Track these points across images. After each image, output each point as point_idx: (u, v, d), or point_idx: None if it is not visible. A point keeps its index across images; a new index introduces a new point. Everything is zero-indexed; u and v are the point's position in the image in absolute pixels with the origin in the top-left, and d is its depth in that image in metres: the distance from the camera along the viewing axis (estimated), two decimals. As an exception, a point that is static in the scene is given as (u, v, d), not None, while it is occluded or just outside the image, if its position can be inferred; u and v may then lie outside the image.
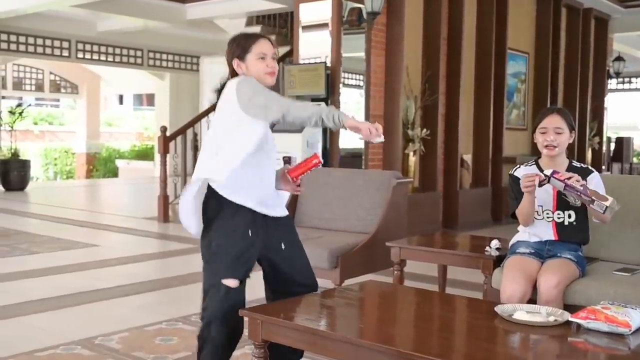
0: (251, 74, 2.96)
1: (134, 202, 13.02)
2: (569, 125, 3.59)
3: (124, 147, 23.64)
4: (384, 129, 8.80)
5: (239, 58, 2.97)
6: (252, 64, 2.96)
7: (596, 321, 2.45)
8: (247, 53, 2.96)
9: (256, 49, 2.96)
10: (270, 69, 2.97)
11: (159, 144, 9.30)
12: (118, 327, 4.42)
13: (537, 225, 3.64)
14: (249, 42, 2.97)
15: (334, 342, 2.48)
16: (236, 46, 2.98)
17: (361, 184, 5.16)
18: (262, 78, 2.96)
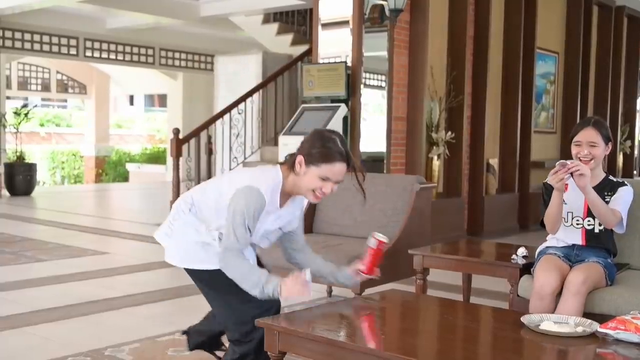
0: (301, 182, 2.94)
1: (145, 208, 13.09)
2: (605, 137, 3.70)
3: (135, 150, 23.74)
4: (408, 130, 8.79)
5: (307, 160, 2.91)
6: (311, 177, 2.92)
7: (626, 332, 2.47)
8: (314, 165, 2.90)
9: (325, 169, 2.90)
10: (321, 194, 2.95)
11: (172, 147, 9.35)
12: (129, 338, 4.45)
13: (565, 232, 3.71)
14: (327, 158, 2.89)
15: (354, 353, 2.51)
16: (314, 148, 2.91)
17: (383, 189, 5.19)
18: (306, 194, 2.97)
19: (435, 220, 5.85)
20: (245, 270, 2.86)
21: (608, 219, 3.59)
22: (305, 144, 2.94)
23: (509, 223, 9.77)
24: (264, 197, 2.90)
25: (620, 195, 3.68)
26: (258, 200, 2.89)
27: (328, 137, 2.93)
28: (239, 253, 2.89)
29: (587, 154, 3.65)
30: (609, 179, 3.76)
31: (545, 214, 3.71)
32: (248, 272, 2.85)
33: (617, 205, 3.63)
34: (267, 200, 2.91)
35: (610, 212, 3.58)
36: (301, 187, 2.94)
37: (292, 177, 2.96)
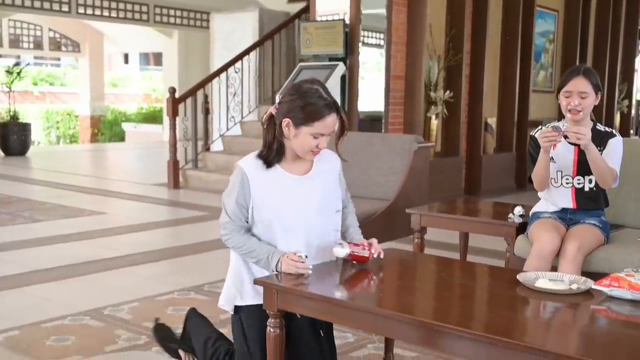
0: (295, 145, 2.79)
1: (142, 168, 13.11)
2: (595, 87, 3.61)
3: (131, 110, 23.67)
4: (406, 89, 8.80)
5: (294, 122, 2.75)
6: (303, 138, 2.76)
7: (619, 289, 2.51)
8: (305, 125, 2.74)
9: (318, 126, 2.74)
10: (317, 150, 2.80)
11: (168, 106, 9.35)
12: (128, 297, 4.51)
13: (554, 193, 3.72)
14: (315, 116, 2.72)
15: (352, 311, 2.55)
16: (298, 108, 2.73)
17: (381, 148, 5.21)
18: (304, 154, 2.81)
19: (433, 180, 5.88)
20: (245, 249, 2.82)
21: (606, 178, 3.56)
22: (287, 103, 2.76)
23: (506, 182, 9.82)
24: (243, 170, 2.81)
25: (612, 149, 3.62)
26: (238, 173, 2.82)
27: (311, 91, 2.75)
28: (236, 229, 2.83)
29: (578, 105, 3.57)
30: (597, 129, 3.68)
31: (533, 173, 3.70)
32: (248, 249, 2.82)
33: (610, 162, 3.57)
34: (249, 172, 2.80)
35: (609, 171, 3.56)
36: (296, 149, 2.81)
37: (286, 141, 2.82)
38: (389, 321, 2.45)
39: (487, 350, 2.21)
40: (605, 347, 2.15)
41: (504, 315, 2.46)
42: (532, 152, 3.75)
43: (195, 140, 9.67)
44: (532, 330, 2.36)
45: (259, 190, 2.81)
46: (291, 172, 2.86)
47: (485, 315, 2.56)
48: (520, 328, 2.38)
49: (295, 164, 2.88)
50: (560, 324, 2.49)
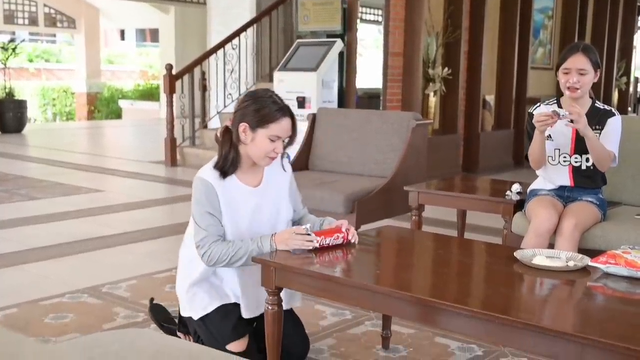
0: (251, 150, 2.86)
1: (139, 145, 13.08)
2: (594, 64, 3.61)
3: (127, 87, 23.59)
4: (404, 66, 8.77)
5: (250, 126, 2.84)
6: (260, 141, 2.84)
7: (616, 265, 2.53)
8: (261, 127, 2.83)
9: (274, 128, 2.83)
10: (274, 154, 2.87)
11: (165, 83, 9.33)
12: (126, 275, 4.52)
13: (551, 171, 3.74)
14: (270, 118, 2.82)
15: (350, 288, 2.57)
16: (253, 111, 2.83)
17: (379, 125, 5.21)
18: (260, 159, 2.88)
19: (431, 157, 5.89)
20: (232, 251, 2.83)
21: (604, 162, 3.57)
22: (243, 110, 2.86)
23: (504, 159, 9.83)
24: (206, 180, 2.88)
25: (611, 129, 3.63)
26: (202, 184, 2.88)
27: (265, 95, 2.88)
28: (215, 241, 2.85)
29: (576, 82, 3.57)
30: (595, 106, 3.69)
31: (529, 152, 3.71)
32: (235, 249, 2.83)
33: (608, 144, 3.58)
34: (213, 182, 2.87)
35: (607, 155, 3.57)
36: (252, 155, 2.87)
37: (242, 147, 2.89)
38: (387, 298, 2.46)
39: (484, 327, 2.24)
40: (602, 324, 2.17)
41: (501, 292, 2.48)
42: (530, 130, 3.75)
43: (192, 118, 9.65)
44: (529, 307, 2.38)
45: (222, 200, 2.89)
46: (245, 183, 2.95)
47: (482, 292, 2.58)
48: (517, 305, 2.41)
49: (248, 175, 2.96)
50: (557, 301, 2.51)
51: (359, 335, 3.55)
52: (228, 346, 2.92)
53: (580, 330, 2.08)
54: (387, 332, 3.34)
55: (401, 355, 3.31)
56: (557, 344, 2.07)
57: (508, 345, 3.15)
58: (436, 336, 3.51)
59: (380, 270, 2.84)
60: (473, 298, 2.49)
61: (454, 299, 2.39)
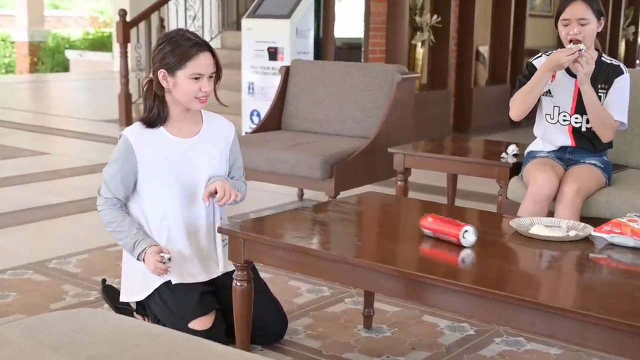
0: (178, 95, 2.95)
1: (89, 102, 12.96)
2: (597, 12, 3.62)
3: (75, 35, 23.31)
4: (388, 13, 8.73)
5: (168, 70, 2.91)
6: (182, 83, 2.92)
7: (621, 235, 2.56)
8: (179, 69, 2.90)
9: (192, 66, 2.90)
10: (202, 93, 2.93)
11: (118, 31, 9.22)
12: (76, 249, 4.49)
13: (550, 131, 3.76)
14: (186, 56, 2.90)
15: (328, 262, 2.58)
16: (168, 53, 2.91)
17: (360, 80, 5.20)
18: (190, 102, 2.95)
19: (418, 115, 5.90)
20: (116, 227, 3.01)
21: (604, 129, 3.59)
22: (158, 55, 2.94)
23: (499, 118, 9.84)
24: (126, 137, 2.99)
25: (619, 93, 3.63)
26: (123, 143, 3.00)
27: (177, 36, 2.95)
28: (113, 205, 3.01)
29: (578, 33, 3.57)
30: (602, 60, 3.69)
31: (519, 92, 3.72)
32: (118, 229, 3.01)
33: (615, 111, 3.59)
34: (134, 140, 2.98)
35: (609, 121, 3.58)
36: (181, 100, 2.96)
37: (167, 95, 2.99)
38: (369, 273, 2.48)
39: (476, 304, 2.26)
40: (605, 299, 2.20)
41: (494, 265, 2.50)
42: (523, 80, 3.77)
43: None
44: (526, 282, 2.40)
45: (145, 158, 2.98)
46: (177, 135, 3.03)
47: (474, 265, 2.59)
48: (513, 279, 2.43)
49: (182, 127, 3.05)
50: (557, 275, 2.54)
51: (338, 314, 3.57)
52: (191, 324, 2.95)
53: (581, 307, 2.11)
54: (370, 311, 3.36)
55: (385, 335, 3.34)
56: (556, 322, 2.09)
57: (503, 324, 3.20)
58: (424, 314, 3.54)
59: (361, 242, 2.85)
60: (465, 273, 2.52)
61: (444, 273, 2.41)
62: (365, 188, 4.54)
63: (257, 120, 7.34)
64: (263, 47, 7.50)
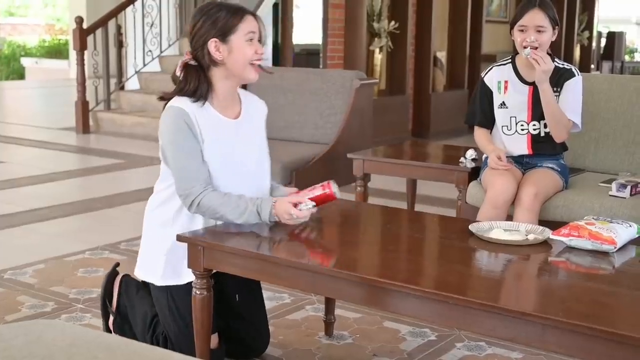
0: (233, 63, 2.77)
1: (45, 110, 12.84)
2: (553, 20, 3.66)
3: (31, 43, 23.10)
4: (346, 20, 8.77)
5: (220, 38, 2.76)
6: (238, 47, 2.76)
7: (579, 238, 2.57)
8: (231, 33, 2.75)
9: (245, 27, 2.76)
10: (259, 55, 2.79)
11: (75, 38, 9.15)
12: (32, 258, 4.43)
13: (508, 141, 3.80)
14: (235, 20, 2.76)
15: (288, 269, 2.56)
16: (212, 23, 2.76)
17: (318, 86, 5.20)
18: (245, 70, 2.79)
19: (377, 121, 5.91)
20: (227, 206, 2.73)
21: (560, 129, 3.63)
22: (200, 31, 2.78)
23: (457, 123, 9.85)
24: (181, 107, 2.75)
25: (570, 94, 3.67)
26: (176, 114, 2.75)
27: (214, 7, 2.82)
28: (205, 189, 2.74)
29: (534, 41, 3.60)
30: (555, 64, 3.70)
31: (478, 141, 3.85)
32: (230, 203, 2.74)
33: (568, 111, 3.62)
34: (189, 109, 2.75)
35: (564, 122, 3.61)
36: (236, 69, 2.79)
37: (216, 72, 2.81)
38: (329, 279, 2.47)
39: (437, 309, 2.26)
40: (565, 302, 2.21)
41: (455, 269, 2.51)
42: (480, 97, 3.82)
43: (107, 78, 9.50)
44: (486, 286, 2.40)
45: (203, 135, 2.79)
46: (225, 116, 2.87)
47: (435, 270, 2.60)
48: (473, 283, 2.43)
49: (227, 106, 2.89)
50: (516, 278, 2.54)
51: (299, 321, 3.56)
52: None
53: (541, 310, 2.11)
54: (331, 317, 3.35)
55: (346, 342, 3.33)
56: (517, 326, 2.09)
57: (464, 329, 3.20)
58: (385, 320, 3.53)
59: (322, 248, 2.84)
60: (425, 277, 2.51)
61: (404, 278, 2.40)
62: (325, 194, 4.52)
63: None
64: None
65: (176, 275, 2.88)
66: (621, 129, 4.06)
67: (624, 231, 2.63)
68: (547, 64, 3.51)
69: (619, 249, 2.58)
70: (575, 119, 3.65)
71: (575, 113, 3.66)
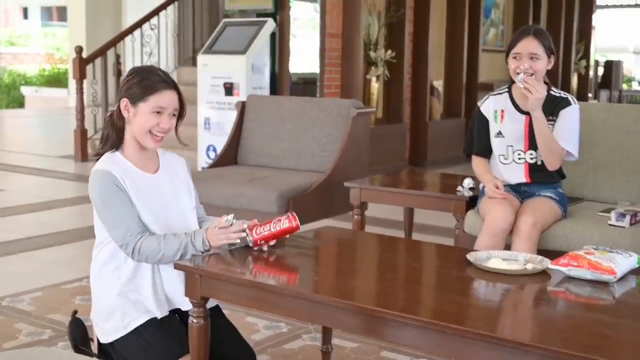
0: (135, 127, 2.85)
1: (45, 138, 12.89)
2: (547, 49, 3.65)
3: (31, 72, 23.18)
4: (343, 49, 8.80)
5: (131, 100, 2.84)
6: (142, 114, 2.83)
7: (578, 268, 2.55)
8: (141, 100, 2.84)
9: (155, 100, 2.83)
10: (159, 129, 2.84)
11: (74, 67, 9.20)
12: (30, 286, 4.45)
13: (505, 171, 3.78)
14: (152, 89, 2.83)
15: (285, 297, 2.54)
16: (134, 84, 2.85)
17: (316, 115, 5.20)
18: (143, 137, 2.86)
19: (374, 149, 5.90)
20: (164, 246, 2.77)
21: (552, 157, 3.61)
22: (125, 85, 2.88)
23: (454, 151, 9.90)
24: (106, 170, 2.82)
25: (566, 122, 3.65)
26: (102, 176, 2.82)
27: (147, 70, 2.92)
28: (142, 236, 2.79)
29: (528, 68, 3.59)
30: (551, 93, 3.70)
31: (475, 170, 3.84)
32: (166, 242, 2.78)
33: (561, 139, 3.60)
34: (113, 169, 2.82)
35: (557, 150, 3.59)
36: (137, 132, 2.86)
37: (127, 128, 2.89)
38: (326, 308, 2.44)
39: (435, 339, 2.23)
40: (564, 333, 2.18)
41: (453, 299, 2.48)
42: (477, 126, 3.83)
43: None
44: (484, 316, 2.38)
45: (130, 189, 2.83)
46: (143, 170, 2.92)
47: (432, 299, 2.58)
48: (471, 313, 2.41)
49: (143, 161, 2.93)
50: (515, 308, 2.52)
51: (296, 350, 3.53)
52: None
53: (540, 341, 2.08)
54: (328, 347, 3.31)
55: (343, 371, 3.30)
56: (515, 356, 2.07)
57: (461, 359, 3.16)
58: (383, 350, 3.51)
59: (318, 277, 2.82)
60: (422, 307, 2.49)
61: (402, 307, 2.38)
62: (322, 222, 4.51)
63: (214, 155, 7.30)
64: (219, 82, 7.49)
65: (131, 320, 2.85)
66: (620, 158, 4.04)
67: (624, 261, 2.61)
68: (539, 92, 3.50)
69: (619, 279, 2.55)
70: (569, 147, 3.63)
71: (569, 141, 3.64)
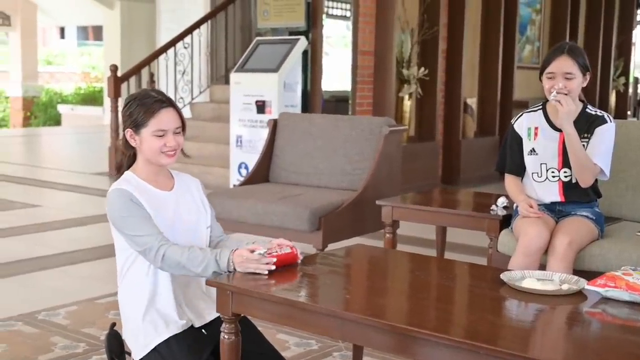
0: (145, 152, 2.91)
1: (80, 155, 13.00)
2: (582, 67, 3.60)
3: (68, 90, 23.48)
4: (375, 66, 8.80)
5: (134, 129, 2.90)
6: (147, 141, 2.89)
7: (616, 289, 2.51)
8: (142, 127, 2.89)
9: (155, 124, 2.88)
10: (168, 148, 2.89)
11: (109, 86, 9.28)
12: (65, 300, 4.48)
13: (539, 189, 3.73)
14: (147, 114, 2.88)
15: (316, 315, 2.53)
16: (133, 113, 2.90)
17: (347, 132, 5.19)
18: (158, 158, 2.91)
19: (406, 167, 5.87)
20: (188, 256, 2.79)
21: (585, 174, 3.55)
22: (124, 115, 2.93)
23: (488, 170, 9.83)
24: (122, 189, 2.87)
25: (600, 139, 3.59)
26: (119, 195, 2.86)
27: (141, 94, 2.96)
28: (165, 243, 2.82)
29: (562, 88, 3.54)
30: (586, 111, 3.66)
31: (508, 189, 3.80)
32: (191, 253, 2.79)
33: (595, 156, 3.55)
34: (129, 188, 2.87)
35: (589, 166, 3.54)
36: (149, 156, 2.91)
37: (139, 156, 2.95)
38: (358, 326, 2.42)
39: (467, 358, 2.20)
40: (600, 355, 2.15)
41: (486, 319, 2.45)
42: (510, 144, 3.78)
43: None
44: (518, 336, 2.34)
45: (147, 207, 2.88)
46: (158, 188, 2.97)
47: (465, 319, 2.55)
48: (505, 333, 2.37)
49: (158, 180, 2.99)
50: (549, 329, 2.48)
51: (327, 368, 3.50)
52: None
53: (575, 362, 2.05)
54: (359, 365, 3.29)
55: (375, 390, 3.26)
56: (550, 378, 2.03)
57: (494, 378, 3.12)
58: (414, 368, 3.46)
59: (350, 295, 2.80)
60: (455, 326, 2.46)
61: (434, 327, 2.36)
62: (354, 240, 4.49)
63: (245, 172, 7.31)
64: (251, 100, 7.52)
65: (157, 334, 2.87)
66: (660, 177, 3.98)
67: (663, 282, 2.56)
68: (569, 105, 3.46)
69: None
70: (601, 163, 3.57)
71: (602, 158, 3.58)
